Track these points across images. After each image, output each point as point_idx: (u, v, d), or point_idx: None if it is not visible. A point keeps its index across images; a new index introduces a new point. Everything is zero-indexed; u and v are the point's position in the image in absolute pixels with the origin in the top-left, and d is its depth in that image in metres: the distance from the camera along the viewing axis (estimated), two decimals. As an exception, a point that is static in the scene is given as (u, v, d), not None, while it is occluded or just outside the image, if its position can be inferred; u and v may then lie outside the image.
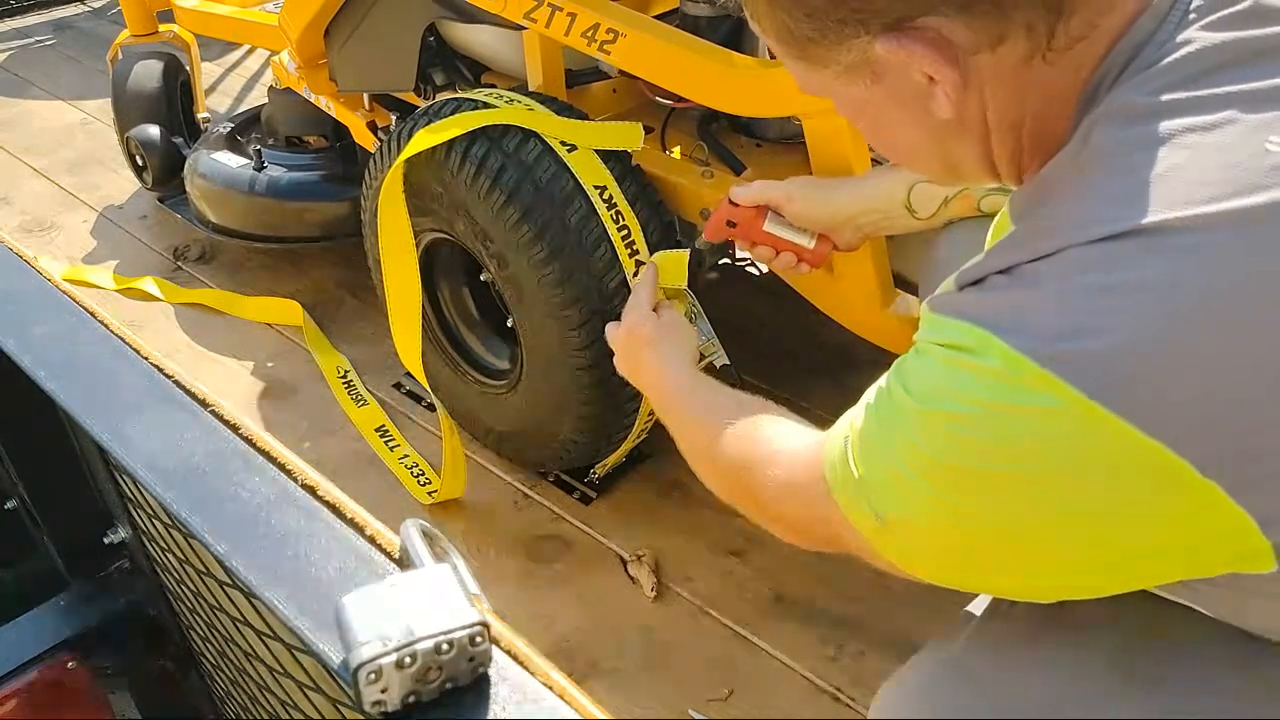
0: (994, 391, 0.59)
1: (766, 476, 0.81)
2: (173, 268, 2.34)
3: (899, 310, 1.34)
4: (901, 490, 0.65)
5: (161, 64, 2.41)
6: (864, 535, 0.70)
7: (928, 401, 0.63)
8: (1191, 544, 0.59)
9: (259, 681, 0.69)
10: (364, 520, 0.50)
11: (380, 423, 1.84)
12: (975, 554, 0.65)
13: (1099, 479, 0.57)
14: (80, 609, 0.87)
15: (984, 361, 0.59)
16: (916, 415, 0.64)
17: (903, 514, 0.66)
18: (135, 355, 0.62)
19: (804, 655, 1.40)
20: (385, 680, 0.40)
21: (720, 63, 1.32)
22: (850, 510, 0.70)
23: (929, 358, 0.64)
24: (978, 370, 0.59)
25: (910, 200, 1.12)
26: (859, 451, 0.69)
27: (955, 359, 0.61)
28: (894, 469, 0.65)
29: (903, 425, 0.65)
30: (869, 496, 0.68)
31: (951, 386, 0.61)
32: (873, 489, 0.68)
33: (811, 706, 1.34)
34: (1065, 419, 0.56)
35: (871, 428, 0.69)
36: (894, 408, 0.67)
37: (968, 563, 0.66)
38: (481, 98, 1.46)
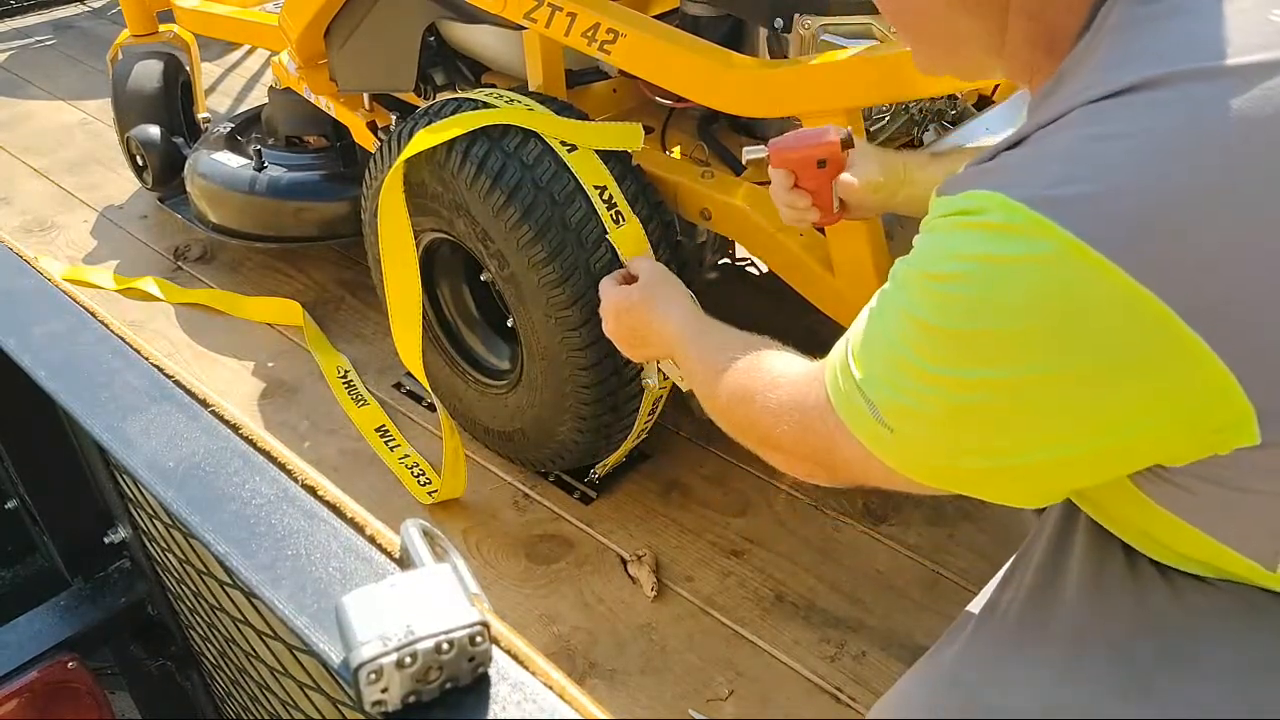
0: (990, 243, 0.60)
1: (768, 400, 0.82)
2: (173, 268, 2.34)
3: (899, 310, 1.34)
4: (899, 374, 0.66)
5: (161, 64, 2.41)
6: (865, 443, 0.70)
7: (926, 264, 0.65)
8: (1178, 406, 0.59)
9: (259, 681, 0.69)
10: (364, 520, 0.50)
11: (380, 422, 1.84)
12: (968, 435, 0.65)
13: (1088, 331, 0.58)
14: (80, 609, 0.87)
15: (984, 218, 0.60)
16: (915, 281, 0.66)
17: (901, 402, 0.67)
18: (135, 355, 0.62)
19: (804, 655, 1.40)
20: (385, 680, 0.40)
21: (720, 63, 1.32)
22: (851, 417, 0.71)
23: (931, 232, 0.66)
24: (978, 227, 0.61)
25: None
26: (859, 350, 0.71)
27: (957, 222, 0.63)
28: (891, 352, 0.67)
29: (900, 298, 0.67)
30: (868, 394, 0.69)
31: (950, 247, 0.63)
32: (872, 385, 0.69)
33: (811, 706, 1.34)
34: (1057, 264, 0.57)
35: (871, 321, 0.71)
36: (893, 288, 0.69)
37: (961, 449, 0.66)
38: (481, 98, 1.46)
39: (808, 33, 1.32)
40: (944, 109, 1.54)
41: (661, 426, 1.68)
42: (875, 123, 1.48)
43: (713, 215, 1.43)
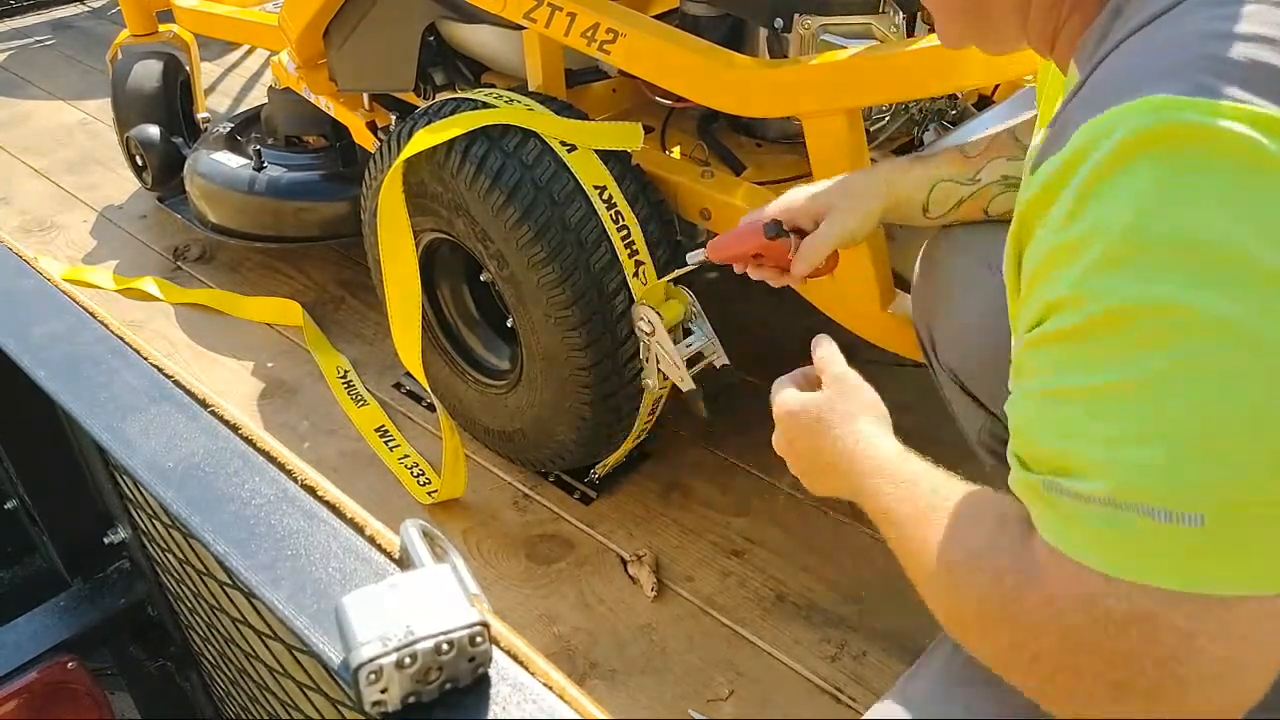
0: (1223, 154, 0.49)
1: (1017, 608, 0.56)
2: (173, 268, 2.34)
3: (899, 310, 1.34)
4: (1161, 394, 0.49)
5: (161, 64, 2.41)
6: (1172, 580, 0.48)
7: (1147, 235, 0.49)
8: None
9: (259, 681, 0.69)
10: (364, 520, 0.50)
11: (380, 423, 1.84)
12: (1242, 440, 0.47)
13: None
14: (80, 609, 0.87)
15: (1177, 122, 0.50)
16: (1104, 262, 0.50)
17: (1185, 439, 0.48)
18: (135, 355, 0.62)
19: (804, 655, 1.40)
20: (385, 680, 0.40)
21: (720, 63, 1.32)
22: (1142, 563, 0.48)
23: (1093, 195, 0.52)
24: (1174, 143, 0.50)
25: (929, 201, 1.10)
26: (1076, 443, 0.52)
27: (1130, 153, 0.51)
28: (1135, 386, 0.49)
29: (1125, 312, 0.50)
30: (1144, 492, 0.48)
31: (1159, 188, 0.50)
32: (1143, 471, 0.49)
33: (811, 706, 1.34)
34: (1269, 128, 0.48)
35: (1072, 397, 0.52)
36: (1093, 314, 0.51)
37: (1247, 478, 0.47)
38: (481, 98, 1.46)
39: (808, 33, 1.32)
40: (944, 109, 1.54)
41: (661, 426, 1.67)
42: (875, 123, 1.48)
43: (713, 215, 1.43)
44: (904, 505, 0.70)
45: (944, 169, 1.09)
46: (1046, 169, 0.55)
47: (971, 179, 1.08)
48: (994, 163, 1.07)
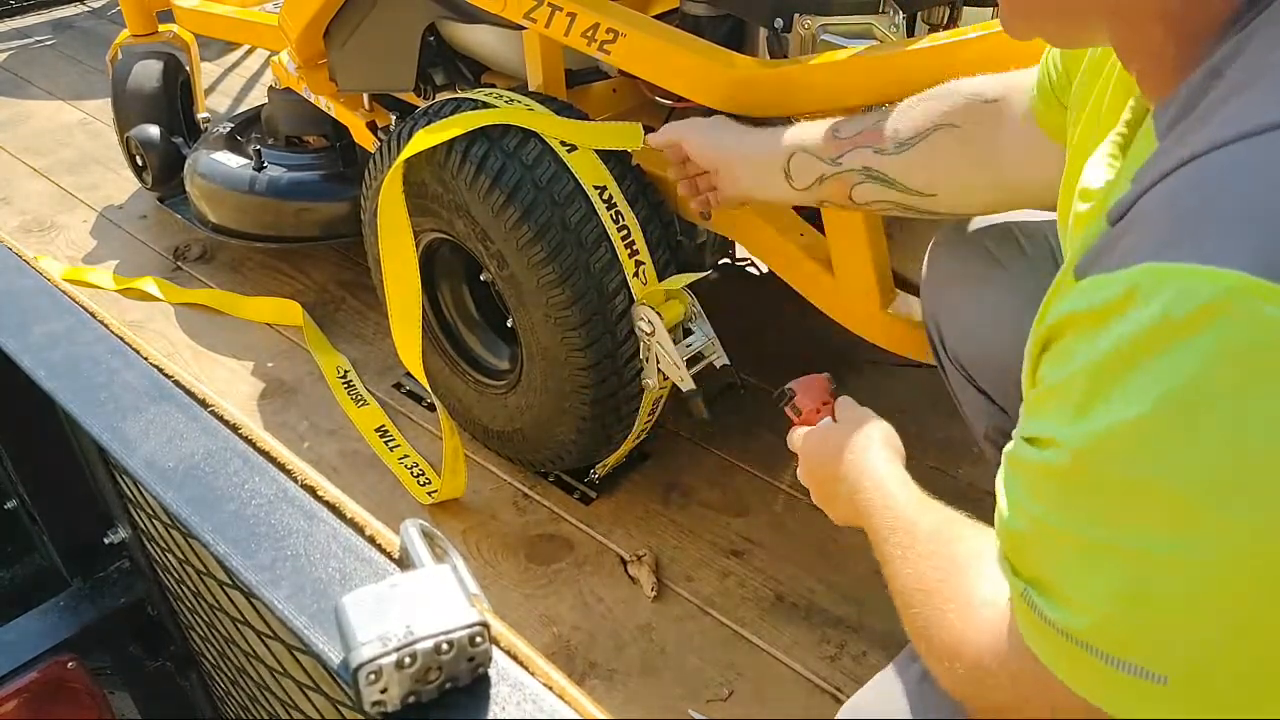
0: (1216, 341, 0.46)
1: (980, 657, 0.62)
2: (173, 268, 2.34)
3: (899, 310, 1.34)
4: (1154, 575, 0.49)
5: (161, 64, 2.41)
6: (1133, 714, 0.52)
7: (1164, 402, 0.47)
8: None
9: (259, 681, 0.69)
10: (364, 520, 0.50)
11: (380, 423, 1.84)
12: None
13: None
14: (80, 609, 0.87)
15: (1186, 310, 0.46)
16: (1134, 432, 0.48)
17: (1165, 620, 0.50)
18: (135, 355, 0.62)
19: (804, 655, 1.40)
20: (385, 680, 0.40)
21: (720, 63, 1.32)
22: (1100, 692, 0.52)
23: (1115, 352, 0.49)
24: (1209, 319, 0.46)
25: (789, 167, 1.11)
26: (1062, 583, 0.53)
27: (1169, 330, 0.47)
28: (1130, 556, 0.50)
29: (1119, 471, 0.50)
30: (1114, 645, 0.51)
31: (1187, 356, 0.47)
32: (1119, 630, 0.51)
33: (811, 706, 1.34)
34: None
35: (1066, 537, 0.53)
36: (1087, 465, 0.51)
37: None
38: (481, 98, 1.46)
39: (808, 33, 1.32)
40: (944, 109, 1.54)
41: (661, 426, 1.68)
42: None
43: (713, 215, 1.43)
44: (901, 552, 0.73)
45: (808, 140, 1.10)
46: (1095, 293, 0.51)
47: (833, 160, 1.08)
48: (859, 150, 1.06)
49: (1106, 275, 0.51)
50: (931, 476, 1.65)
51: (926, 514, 0.74)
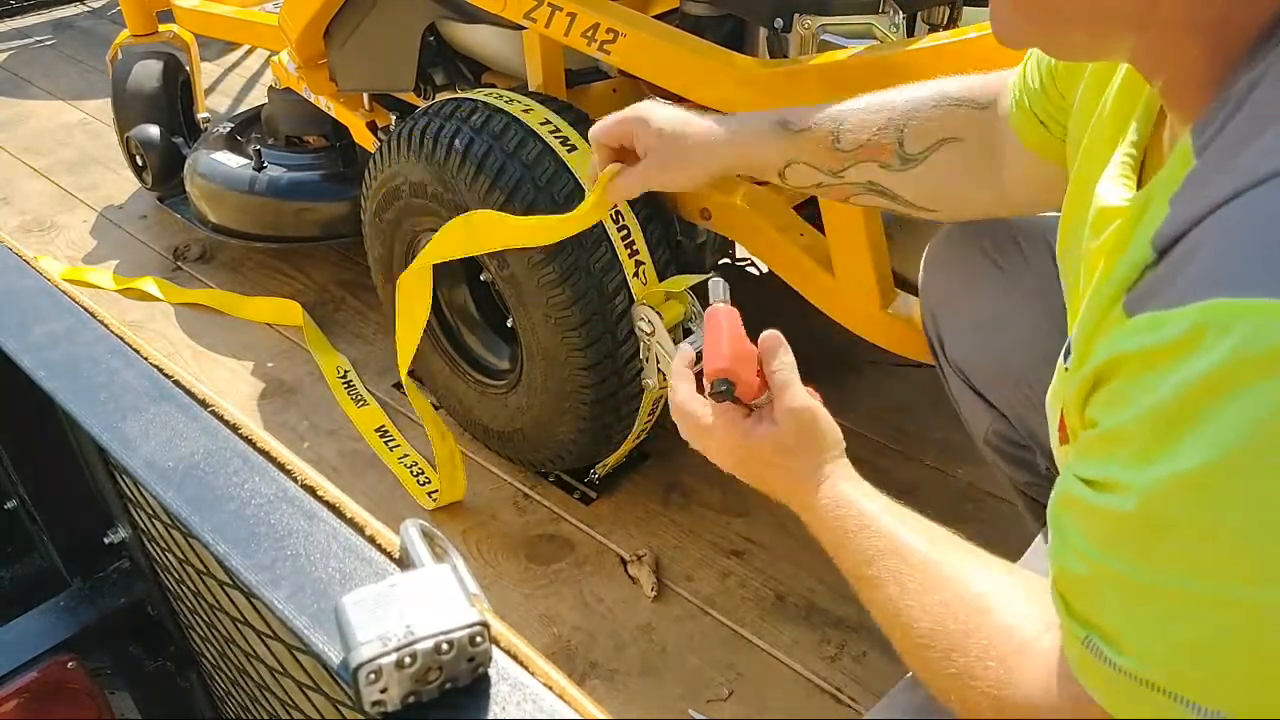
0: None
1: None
2: (173, 268, 2.34)
3: (899, 310, 1.34)
4: (1224, 624, 0.49)
5: (161, 64, 2.41)
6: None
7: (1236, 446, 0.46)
8: None
9: (259, 681, 0.69)
10: (364, 520, 0.50)
11: (380, 423, 1.84)
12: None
13: None
14: (80, 609, 0.87)
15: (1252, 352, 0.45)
16: (1206, 477, 0.47)
17: (1234, 667, 0.49)
18: (135, 355, 0.62)
19: (804, 655, 1.40)
20: (385, 680, 0.40)
21: (720, 63, 1.32)
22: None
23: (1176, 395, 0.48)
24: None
25: (785, 171, 1.02)
26: (1123, 628, 0.52)
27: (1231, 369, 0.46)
28: (1199, 603, 0.49)
29: (1196, 521, 0.48)
30: (1181, 685, 0.50)
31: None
32: (1185, 675, 0.50)
33: (811, 706, 1.34)
34: None
35: (1144, 592, 0.51)
36: (1157, 522, 0.50)
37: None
38: (481, 98, 1.46)
39: (808, 33, 1.32)
40: (944, 109, 1.54)
41: (661, 426, 1.67)
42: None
43: (713, 215, 1.43)
44: (898, 582, 0.69)
45: (807, 153, 1.00)
46: (1154, 330, 0.49)
47: (835, 174, 0.99)
48: (864, 165, 0.99)
49: (1167, 312, 0.48)
50: (931, 476, 1.66)
51: (915, 537, 0.70)
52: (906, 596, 0.67)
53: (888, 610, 0.68)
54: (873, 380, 1.83)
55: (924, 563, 0.68)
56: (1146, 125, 0.69)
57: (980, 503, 1.59)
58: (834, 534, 0.74)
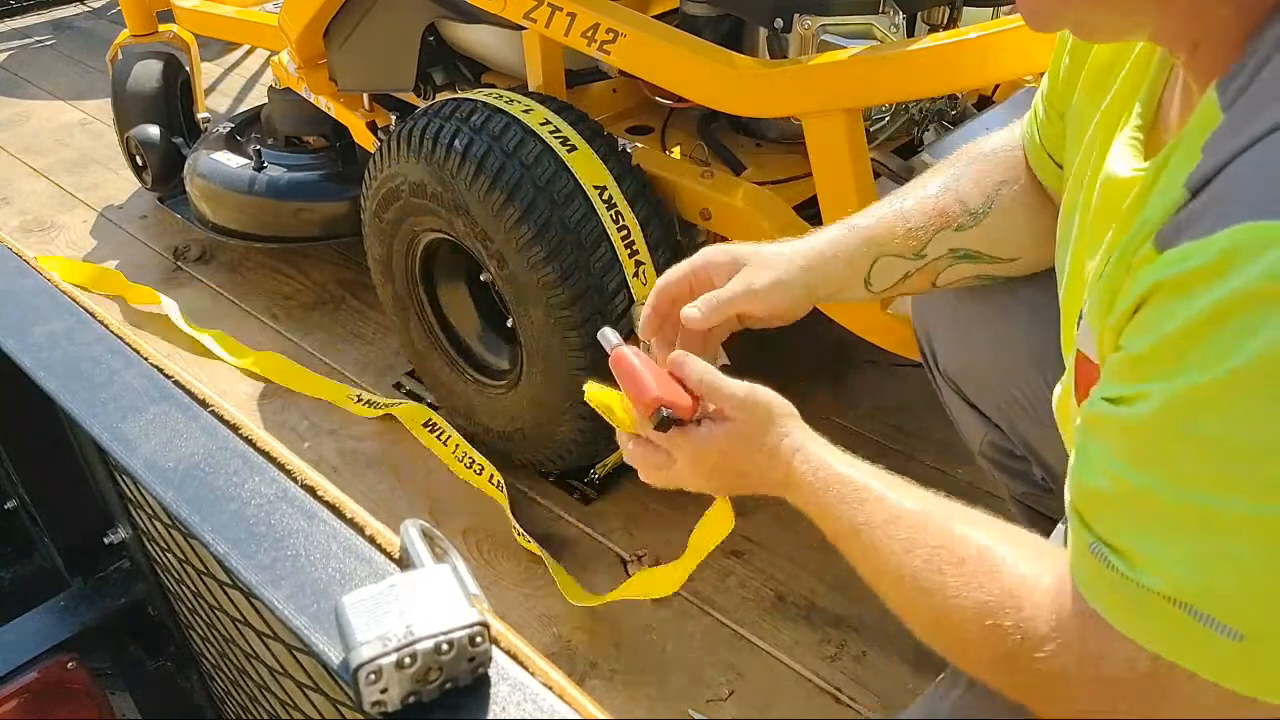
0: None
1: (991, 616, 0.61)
2: (173, 268, 2.34)
3: (899, 310, 1.34)
4: (1247, 549, 0.50)
5: (161, 64, 2.41)
6: (1204, 674, 0.52)
7: (1230, 362, 0.48)
8: None
9: (259, 681, 0.69)
10: (364, 520, 0.50)
11: (427, 416, 1.81)
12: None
13: None
14: (80, 609, 0.87)
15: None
16: (1230, 387, 0.48)
17: (1253, 593, 0.50)
18: (135, 355, 0.62)
19: (804, 655, 1.40)
20: (385, 680, 0.40)
21: (720, 63, 1.32)
22: (1174, 645, 0.52)
23: (1207, 318, 0.49)
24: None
25: (871, 273, 0.96)
26: (1143, 547, 0.53)
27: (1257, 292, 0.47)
28: (1216, 518, 0.50)
29: (1201, 430, 0.50)
30: (1188, 600, 0.51)
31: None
32: (1191, 585, 0.51)
33: (811, 706, 1.34)
34: None
35: (1144, 496, 0.53)
36: (1167, 426, 0.51)
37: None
38: (481, 98, 1.46)
39: (808, 33, 1.32)
40: (944, 109, 1.55)
41: (661, 426, 1.67)
42: (875, 123, 1.48)
43: (713, 215, 1.43)
44: (887, 532, 0.69)
45: (885, 243, 0.95)
46: (1188, 259, 0.51)
47: (917, 254, 0.96)
48: (940, 235, 0.96)
49: (1198, 242, 0.50)
50: (931, 476, 1.65)
51: (899, 490, 0.71)
52: (899, 540, 0.67)
53: (882, 557, 0.68)
54: (873, 380, 1.83)
55: (915, 511, 0.68)
56: (1150, 108, 0.70)
57: (980, 503, 1.58)
58: (820, 494, 0.74)
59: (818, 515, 0.75)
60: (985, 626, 0.61)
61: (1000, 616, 0.60)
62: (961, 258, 0.97)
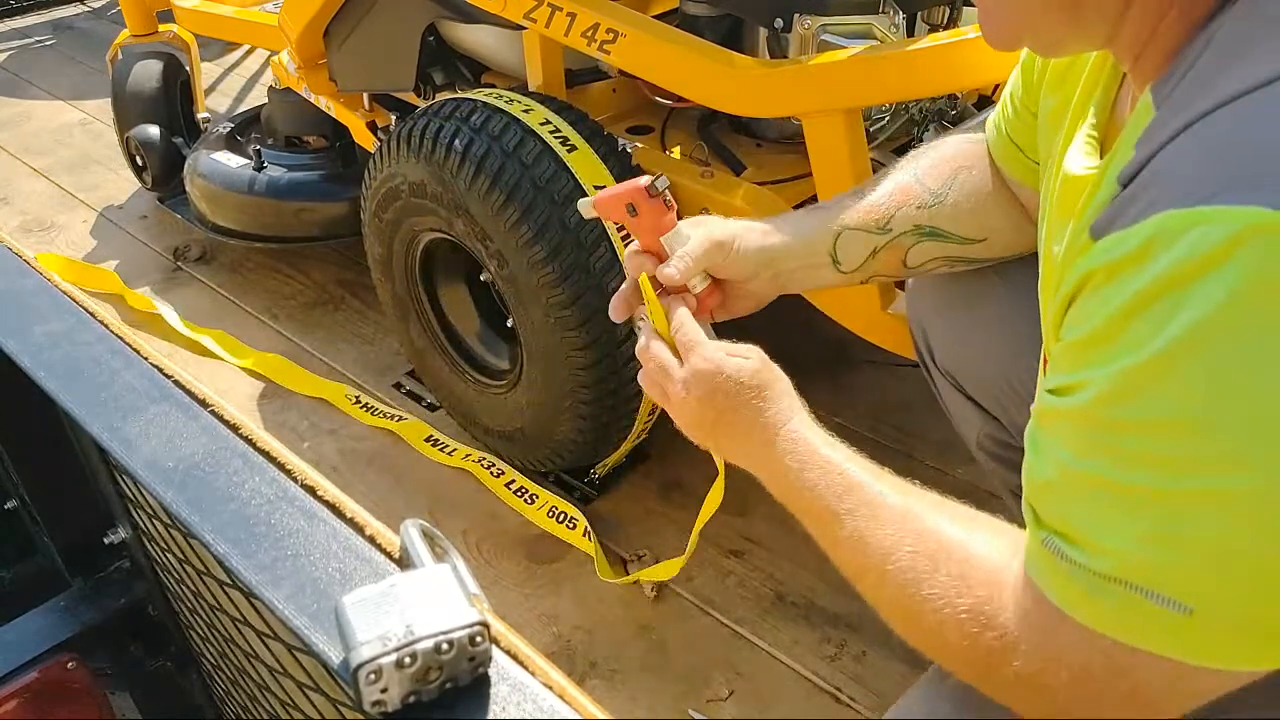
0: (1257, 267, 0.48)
1: (952, 606, 0.63)
2: (173, 268, 2.34)
3: (899, 310, 1.34)
4: (1184, 522, 0.51)
5: (161, 64, 2.41)
6: (1161, 651, 0.53)
7: (1161, 343, 0.50)
8: None
9: (259, 681, 0.69)
10: (364, 520, 0.50)
11: (428, 433, 1.80)
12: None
13: None
14: (80, 609, 0.87)
15: (1204, 248, 0.49)
16: (1149, 376, 0.51)
17: (1194, 563, 0.51)
18: (135, 355, 0.62)
19: (804, 655, 1.40)
20: (385, 680, 0.40)
21: (720, 63, 1.32)
22: (1128, 628, 0.54)
23: (1138, 300, 0.52)
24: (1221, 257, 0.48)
25: (835, 248, 0.98)
26: (1084, 530, 0.55)
27: (1183, 266, 0.49)
28: (1164, 502, 0.52)
29: (1130, 415, 0.52)
30: (1134, 579, 0.53)
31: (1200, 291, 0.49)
32: (1136, 563, 0.53)
33: (811, 706, 1.34)
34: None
35: (1081, 483, 0.55)
36: (1106, 411, 0.53)
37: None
38: (481, 98, 1.46)
39: (808, 33, 1.32)
40: (944, 109, 1.55)
41: (661, 426, 1.67)
42: (875, 123, 1.48)
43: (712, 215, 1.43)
44: (867, 524, 0.70)
45: (847, 217, 0.98)
46: (1116, 247, 0.54)
47: (882, 228, 0.97)
48: (903, 210, 0.98)
49: (1127, 230, 0.53)
50: (931, 476, 1.65)
51: (880, 480, 0.72)
52: (881, 527, 0.68)
53: (861, 543, 0.69)
54: (872, 379, 1.83)
55: (896, 500, 0.69)
56: (1104, 110, 0.73)
57: (981, 502, 1.58)
58: (802, 472, 0.74)
59: (794, 491, 0.75)
60: (962, 636, 0.62)
61: (975, 629, 0.61)
62: (927, 235, 0.99)
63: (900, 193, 0.99)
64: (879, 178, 1.02)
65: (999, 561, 0.62)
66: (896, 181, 1.00)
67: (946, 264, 1.02)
